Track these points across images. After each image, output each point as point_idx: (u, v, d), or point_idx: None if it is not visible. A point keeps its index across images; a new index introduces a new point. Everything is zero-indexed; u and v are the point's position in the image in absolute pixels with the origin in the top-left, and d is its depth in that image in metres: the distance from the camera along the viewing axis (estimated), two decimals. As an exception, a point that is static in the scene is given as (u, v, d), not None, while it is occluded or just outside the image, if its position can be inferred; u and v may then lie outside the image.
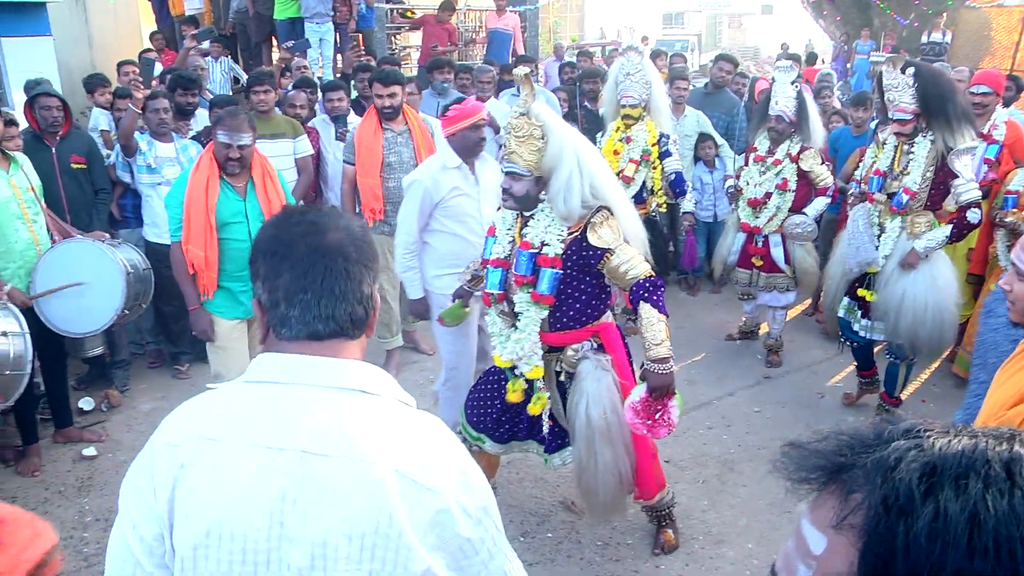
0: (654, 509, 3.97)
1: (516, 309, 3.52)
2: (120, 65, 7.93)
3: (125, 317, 4.95)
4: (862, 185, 5.19)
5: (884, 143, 5.08)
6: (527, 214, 3.48)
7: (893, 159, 4.95)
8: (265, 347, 1.50)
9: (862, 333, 5.13)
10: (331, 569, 1.32)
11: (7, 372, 3.92)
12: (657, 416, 3.33)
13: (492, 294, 3.61)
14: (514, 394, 3.68)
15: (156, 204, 5.46)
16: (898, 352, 5.03)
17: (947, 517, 0.74)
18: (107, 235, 5.10)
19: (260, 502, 1.32)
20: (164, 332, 6.08)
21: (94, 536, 4.18)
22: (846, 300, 5.19)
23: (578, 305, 3.50)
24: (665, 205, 6.41)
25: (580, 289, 3.47)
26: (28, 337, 3.94)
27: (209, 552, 1.33)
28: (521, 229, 3.51)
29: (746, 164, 5.97)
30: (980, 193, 4.82)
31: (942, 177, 4.74)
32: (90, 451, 4.94)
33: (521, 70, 3.44)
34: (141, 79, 6.07)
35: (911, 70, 4.70)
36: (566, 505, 4.37)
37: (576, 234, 3.36)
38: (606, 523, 4.13)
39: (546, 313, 3.48)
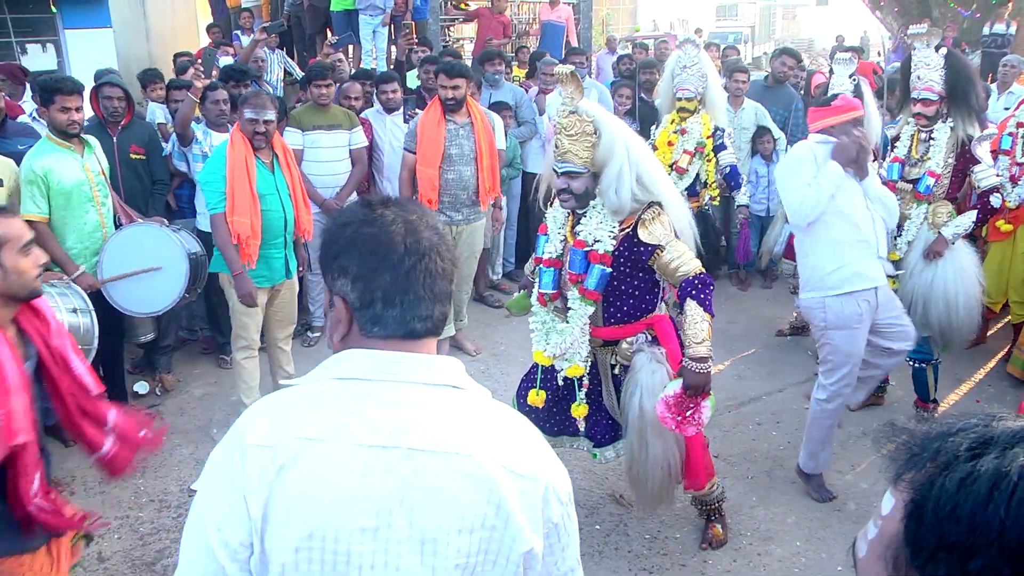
0: (704, 501, 3.94)
1: (568, 305, 3.53)
2: (176, 57, 8.06)
3: (184, 300, 5.07)
4: (881, 173, 5.10)
5: (898, 136, 4.99)
6: (580, 212, 3.49)
7: (911, 147, 4.87)
8: (344, 344, 1.47)
9: None
10: (440, 566, 1.32)
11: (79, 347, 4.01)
12: (688, 413, 3.31)
13: (546, 294, 3.63)
14: (536, 398, 3.72)
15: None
16: (922, 355, 4.88)
17: (978, 471, 0.81)
18: (165, 220, 5.20)
19: (367, 503, 1.31)
20: (213, 321, 6.17)
21: (148, 516, 4.27)
22: None
23: (631, 300, 3.51)
24: (719, 198, 6.37)
25: (633, 284, 3.48)
26: (94, 314, 4.04)
27: (312, 555, 1.31)
28: (573, 227, 3.52)
29: None
30: (998, 179, 4.80)
31: (962, 164, 4.72)
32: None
33: (565, 68, 3.39)
34: (203, 69, 6.15)
35: (943, 51, 4.64)
36: (615, 498, 4.36)
37: (627, 230, 3.36)
38: (654, 516, 4.11)
39: (592, 309, 3.48)
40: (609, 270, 3.40)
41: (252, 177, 4.64)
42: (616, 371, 3.66)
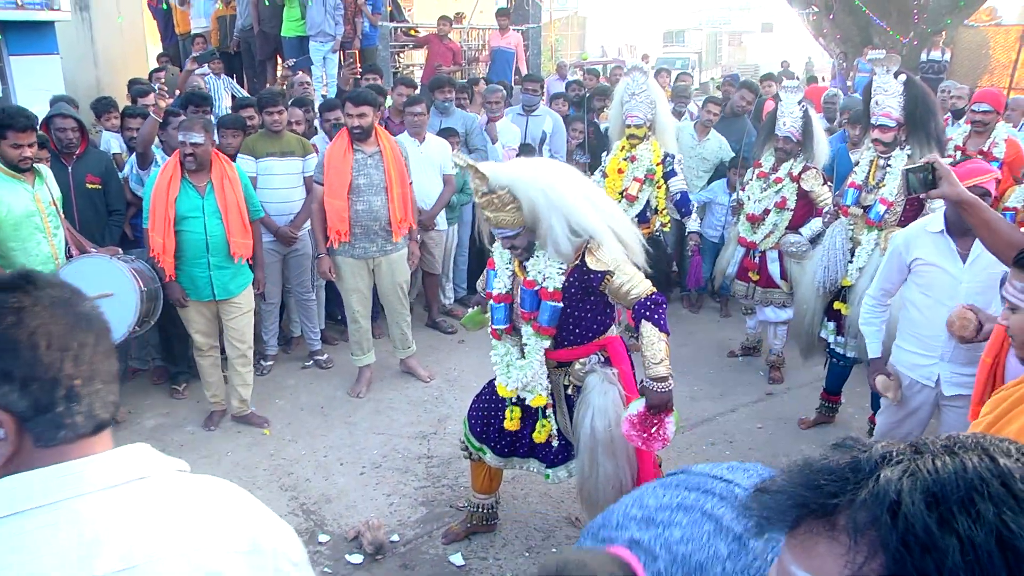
0: None
1: (523, 341, 3.62)
2: (131, 84, 7.99)
3: (135, 332, 5.00)
4: (837, 199, 5.23)
5: (858, 162, 5.11)
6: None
7: (868, 172, 4.98)
8: (7, 469, 1.15)
9: (838, 351, 5.16)
10: None
11: None
12: (653, 430, 3.37)
13: (499, 329, 3.70)
14: (511, 422, 3.76)
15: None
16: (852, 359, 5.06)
17: (976, 546, 0.74)
18: (119, 250, 5.16)
19: None
20: (167, 351, 6.10)
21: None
22: (830, 324, 5.21)
23: (584, 323, 3.57)
24: (669, 224, 6.46)
25: (584, 309, 3.54)
26: None
27: None
28: (521, 262, 3.60)
29: (751, 179, 6.01)
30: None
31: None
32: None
33: (463, 159, 3.42)
34: (167, 89, 6.09)
35: (903, 77, 4.73)
36: (571, 520, 4.38)
37: (576, 262, 3.44)
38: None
39: (547, 343, 3.57)
40: (560, 305, 3.48)
41: (171, 199, 4.94)
42: (569, 391, 3.73)
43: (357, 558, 4.09)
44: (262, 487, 4.76)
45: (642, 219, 6.12)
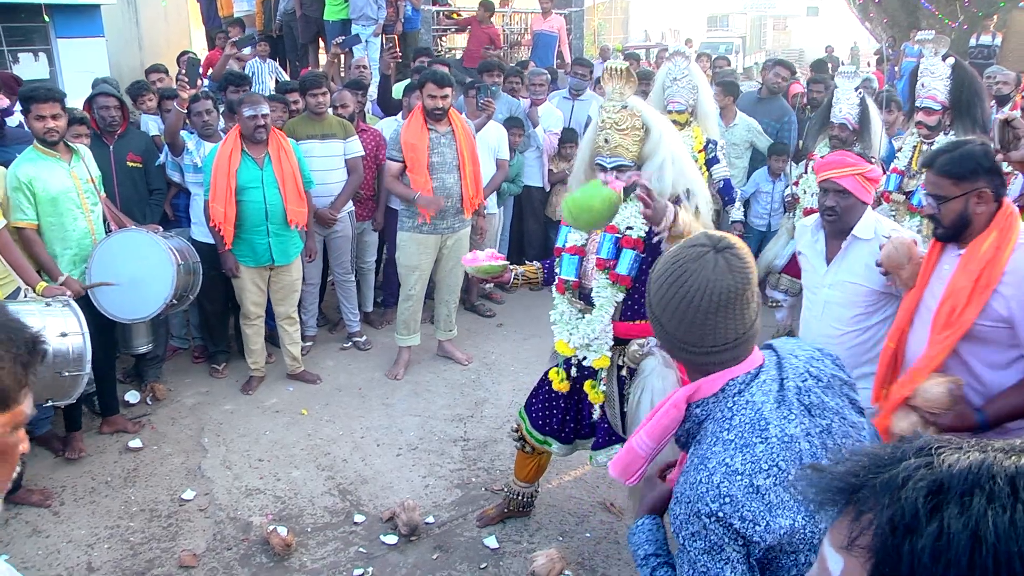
0: None
1: (593, 293, 3.50)
2: (148, 72, 8.04)
3: (173, 307, 5.10)
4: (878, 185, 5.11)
5: (901, 147, 5.00)
6: None
7: (911, 158, 4.87)
8: None
9: None
10: None
11: (67, 373, 3.96)
12: None
13: (567, 280, 3.60)
14: (561, 383, 3.68)
15: (202, 204, 5.57)
16: None
17: (950, 535, 0.75)
18: (160, 228, 5.22)
19: None
20: (206, 330, 6.18)
21: (139, 525, 4.26)
22: None
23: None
24: (712, 212, 6.34)
25: None
26: (87, 337, 4.00)
27: None
28: None
29: (805, 172, 5.84)
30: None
31: None
32: (136, 443, 5.04)
33: (619, 63, 3.38)
34: (187, 79, 6.16)
35: (951, 60, 4.62)
36: (605, 506, 4.37)
37: None
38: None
39: (622, 296, 3.45)
40: (642, 254, 3.39)
41: (232, 171, 5.25)
42: (623, 373, 3.60)
43: (392, 539, 4.11)
44: (299, 467, 4.80)
45: None
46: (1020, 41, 14.57)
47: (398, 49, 10.81)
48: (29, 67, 7.82)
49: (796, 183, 5.91)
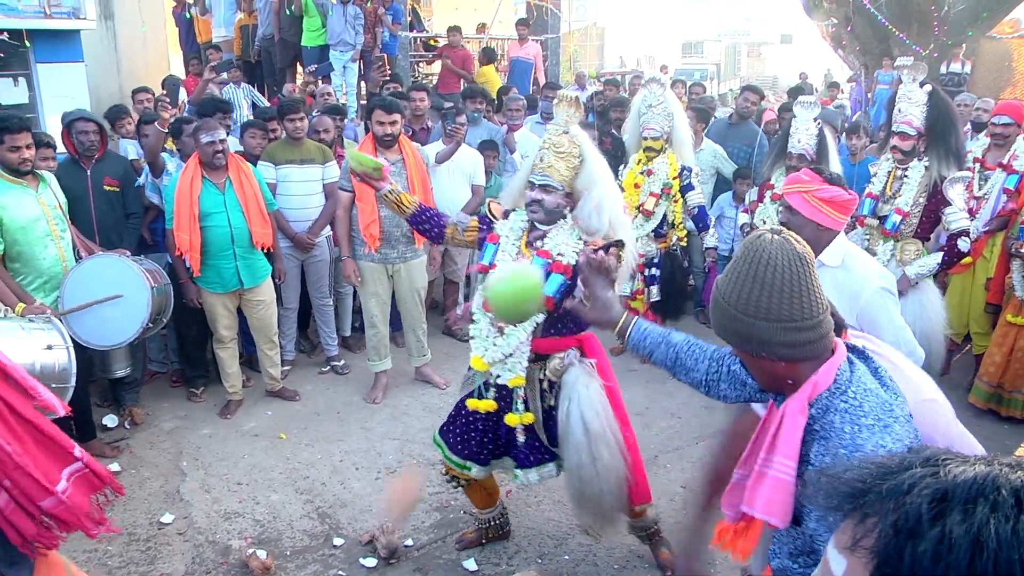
0: (643, 527, 3.99)
1: None
2: (135, 92, 8.09)
3: (148, 330, 5.08)
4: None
5: (875, 173, 5.09)
6: (541, 227, 3.57)
7: (886, 183, 4.97)
8: None
9: None
10: None
11: (53, 386, 3.94)
12: None
13: None
14: (485, 404, 3.69)
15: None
16: None
17: (951, 540, 0.78)
18: (127, 252, 5.21)
19: None
20: (184, 354, 6.17)
21: (117, 549, 4.24)
22: None
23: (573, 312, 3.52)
24: (685, 239, 6.39)
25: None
26: (71, 351, 4.00)
27: None
28: (528, 241, 3.60)
29: (760, 200, 5.90)
30: (969, 223, 4.82)
31: (934, 205, 4.75)
32: (114, 467, 5.02)
33: (569, 92, 3.57)
34: (168, 100, 6.19)
35: (928, 88, 4.72)
36: (583, 529, 4.39)
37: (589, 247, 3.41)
38: (623, 546, 4.16)
39: (543, 317, 3.50)
40: (568, 281, 3.45)
41: (195, 198, 5.29)
42: (544, 386, 3.66)
43: (371, 562, 4.12)
44: (278, 490, 4.80)
45: (658, 234, 6.08)
46: (989, 69, 14.88)
47: (387, 67, 10.88)
48: (8, 92, 7.80)
49: (750, 210, 5.95)
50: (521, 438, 3.71)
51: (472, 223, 3.85)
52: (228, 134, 6.37)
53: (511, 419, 3.67)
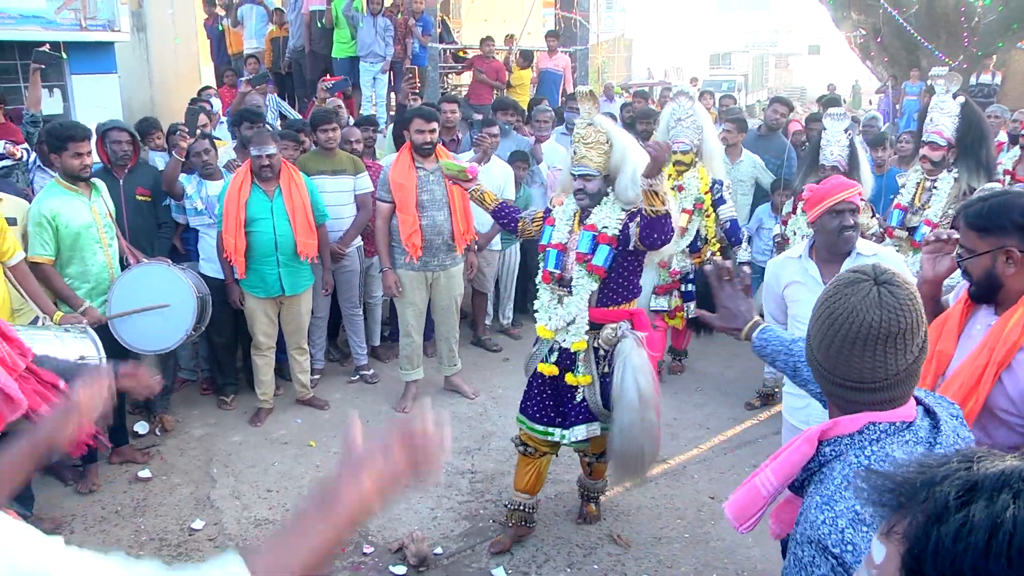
0: (593, 488, 4.53)
1: (572, 282, 3.98)
2: (201, 92, 8.18)
3: (190, 337, 5.19)
4: (883, 221, 5.15)
5: (903, 184, 5.06)
6: (588, 208, 3.99)
7: (915, 194, 4.93)
8: None
9: None
10: None
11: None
12: None
13: (552, 272, 4.06)
14: (548, 367, 4.09)
15: (210, 241, 5.73)
16: None
17: (973, 523, 0.84)
18: (168, 260, 5.29)
19: None
20: (215, 362, 6.24)
21: (148, 555, 4.28)
22: None
23: (621, 280, 3.99)
24: (719, 252, 6.30)
25: (623, 266, 3.97)
26: (104, 363, 4.04)
27: None
28: (580, 221, 4.04)
29: (793, 212, 5.83)
30: None
31: None
32: (145, 473, 5.07)
33: (584, 87, 3.97)
34: (187, 128, 6.23)
35: (961, 99, 4.69)
36: (612, 538, 4.39)
37: (634, 209, 3.89)
38: (651, 555, 4.16)
39: (596, 285, 3.95)
40: (614, 250, 3.89)
41: (242, 203, 5.43)
42: (599, 353, 4.05)
43: (401, 569, 4.13)
44: (308, 498, 4.82)
45: (693, 249, 5.97)
46: (1020, 80, 14.73)
47: (417, 80, 10.94)
48: (44, 103, 7.94)
49: (785, 222, 5.90)
50: (579, 397, 4.07)
51: (538, 214, 4.32)
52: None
53: (570, 378, 4.05)
